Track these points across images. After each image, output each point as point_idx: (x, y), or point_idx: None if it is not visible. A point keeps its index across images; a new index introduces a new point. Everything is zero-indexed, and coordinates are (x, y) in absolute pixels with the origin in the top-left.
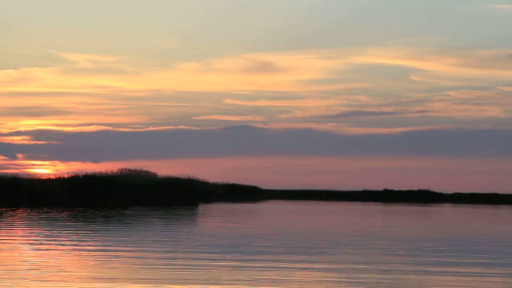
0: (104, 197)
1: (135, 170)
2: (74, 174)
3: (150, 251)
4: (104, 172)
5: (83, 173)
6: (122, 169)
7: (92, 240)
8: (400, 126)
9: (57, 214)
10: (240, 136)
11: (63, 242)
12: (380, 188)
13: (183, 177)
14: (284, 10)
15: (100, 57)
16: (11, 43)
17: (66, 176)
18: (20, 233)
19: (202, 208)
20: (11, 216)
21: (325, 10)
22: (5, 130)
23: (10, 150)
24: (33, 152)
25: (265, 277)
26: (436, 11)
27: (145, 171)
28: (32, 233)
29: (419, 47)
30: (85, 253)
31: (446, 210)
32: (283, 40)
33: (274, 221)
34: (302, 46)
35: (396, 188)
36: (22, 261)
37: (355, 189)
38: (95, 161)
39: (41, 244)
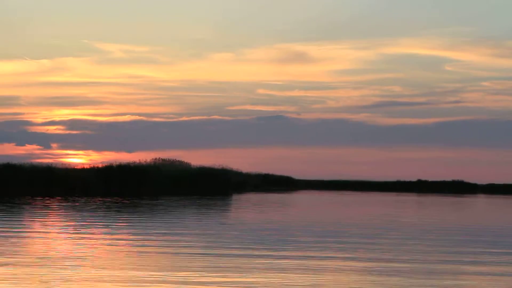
0: (138, 187)
1: (169, 160)
2: (108, 164)
3: (182, 240)
4: (137, 162)
5: (117, 163)
6: (155, 159)
7: (126, 230)
8: (433, 117)
9: (91, 203)
10: (273, 126)
11: (96, 232)
12: (414, 179)
13: (216, 167)
14: (317, 0)
15: (134, 47)
16: (46, 33)
17: (100, 166)
18: (54, 223)
19: (235, 198)
20: (46, 205)
21: (358, 0)
22: (40, 120)
23: (44, 140)
24: (67, 142)
25: (296, 266)
26: (470, 0)
27: (178, 161)
28: (66, 222)
29: (453, 37)
30: (119, 242)
31: (481, 201)
32: (316, 30)
33: (308, 212)
34: (335, 36)
35: (429, 179)
36: (56, 250)
37: (388, 179)
38: (129, 150)
39: (75, 233)
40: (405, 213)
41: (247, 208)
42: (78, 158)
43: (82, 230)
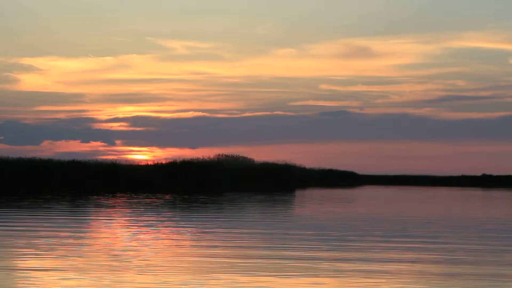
0: (201, 183)
1: (232, 156)
2: (172, 160)
3: (246, 238)
4: (201, 158)
5: (181, 159)
6: (219, 155)
7: (190, 225)
8: (498, 111)
9: (155, 199)
10: (336, 121)
11: (160, 227)
12: (479, 173)
13: (279, 163)
14: None
15: (197, 44)
16: (109, 30)
17: (163, 162)
18: (119, 218)
19: (298, 194)
20: (110, 201)
21: None
22: (104, 117)
23: (108, 137)
24: (131, 138)
25: (363, 261)
26: None
27: (242, 156)
28: (130, 218)
29: None
30: (183, 236)
31: None
32: (379, 25)
33: (375, 207)
34: (399, 31)
35: (495, 173)
36: (121, 246)
37: (453, 174)
38: (192, 147)
39: (139, 229)
40: (475, 209)
41: (311, 204)
42: (142, 155)
43: (146, 226)
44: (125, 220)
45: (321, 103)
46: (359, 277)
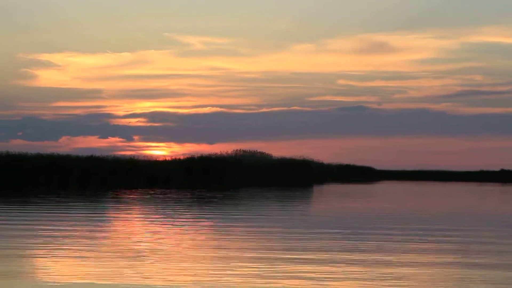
0: (219, 178)
1: (250, 152)
2: (190, 156)
3: (265, 233)
4: (218, 153)
5: (198, 155)
6: (236, 150)
7: (207, 221)
8: None
9: (173, 195)
10: (354, 116)
11: (178, 223)
12: (497, 168)
13: (297, 158)
14: None
15: (214, 39)
16: (127, 26)
17: (181, 157)
18: (137, 214)
19: (316, 189)
20: (128, 197)
21: None
22: (122, 113)
23: (126, 132)
24: (149, 134)
25: (378, 257)
26: None
27: (259, 152)
28: (149, 213)
29: None
30: (200, 231)
31: None
32: (396, 20)
33: (394, 202)
34: (416, 26)
35: None
36: (139, 241)
37: (471, 169)
38: (210, 142)
39: (157, 224)
40: (494, 204)
41: (329, 200)
42: (159, 150)
43: (165, 222)
44: (143, 215)
45: (338, 98)
46: (377, 275)
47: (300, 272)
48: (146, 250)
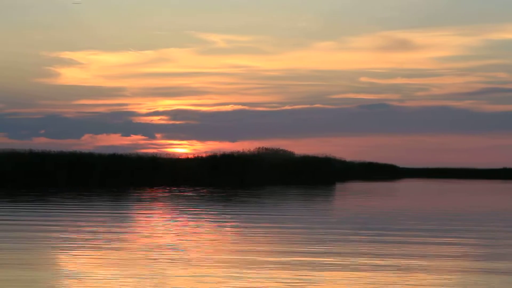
0: (241, 176)
1: (272, 149)
2: (212, 154)
3: (287, 232)
4: (241, 151)
5: (221, 153)
6: (259, 148)
7: (229, 219)
8: None
9: (195, 193)
10: (376, 114)
11: (200, 221)
12: None
13: (320, 156)
14: None
15: (237, 37)
16: (149, 24)
17: (204, 155)
18: (159, 212)
19: (339, 187)
20: (151, 194)
21: None
22: (144, 111)
23: (149, 130)
24: (171, 132)
25: (403, 252)
26: None
27: (282, 150)
28: (170, 211)
29: None
30: (223, 230)
31: None
32: (418, 17)
33: (417, 200)
34: (438, 23)
35: None
36: (161, 239)
37: (494, 167)
38: (232, 140)
39: (179, 223)
40: None
41: (352, 198)
42: (182, 148)
43: (187, 220)
44: (165, 213)
45: (360, 96)
46: (397, 272)
47: (320, 276)
48: (167, 249)
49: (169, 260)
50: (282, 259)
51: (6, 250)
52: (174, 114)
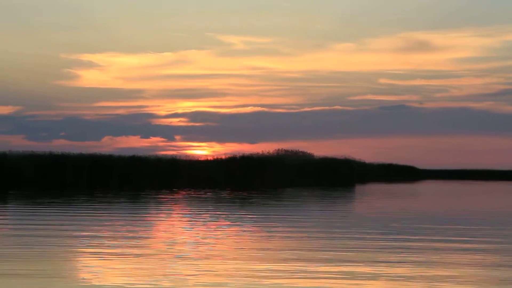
0: (261, 178)
1: (292, 151)
2: (231, 155)
3: (306, 233)
4: (260, 153)
5: (240, 154)
6: (278, 150)
7: (249, 221)
8: None
9: (214, 195)
10: (396, 115)
11: (220, 223)
12: None
13: (339, 157)
14: None
15: (255, 39)
16: (169, 26)
17: (223, 157)
18: (179, 214)
19: (358, 189)
20: (171, 196)
21: None
22: (163, 112)
23: (168, 132)
24: (190, 134)
25: (421, 259)
26: None
27: (301, 151)
28: (190, 213)
29: None
30: (243, 232)
31: None
32: (438, 18)
33: (437, 202)
34: (458, 24)
35: None
36: (181, 242)
37: None
38: (252, 142)
39: (199, 224)
40: None
41: (372, 200)
42: (201, 150)
43: (206, 222)
44: (185, 215)
45: (380, 97)
46: (419, 282)
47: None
48: (187, 251)
49: (188, 262)
50: (299, 264)
51: (21, 257)
52: (194, 116)
